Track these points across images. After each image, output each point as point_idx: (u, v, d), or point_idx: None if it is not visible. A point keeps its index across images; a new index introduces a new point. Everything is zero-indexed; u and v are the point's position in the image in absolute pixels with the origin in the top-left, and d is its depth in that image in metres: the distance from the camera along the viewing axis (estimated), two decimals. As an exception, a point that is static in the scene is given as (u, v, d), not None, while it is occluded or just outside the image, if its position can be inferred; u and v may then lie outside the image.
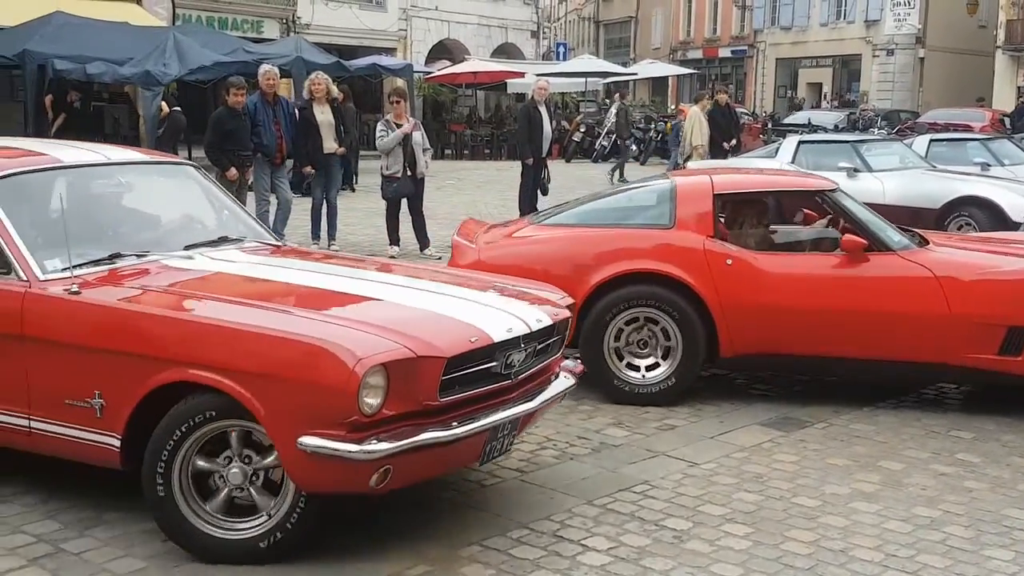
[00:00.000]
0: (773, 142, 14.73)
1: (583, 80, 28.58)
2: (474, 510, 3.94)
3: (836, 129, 22.05)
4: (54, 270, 3.77)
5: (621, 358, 5.45)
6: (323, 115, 9.98)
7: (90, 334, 3.59)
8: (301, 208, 10.26)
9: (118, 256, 3.99)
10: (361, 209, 12.89)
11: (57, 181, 4.32)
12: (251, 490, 3.48)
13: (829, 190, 5.80)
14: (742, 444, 4.84)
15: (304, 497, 3.40)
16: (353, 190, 15.19)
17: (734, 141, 15.47)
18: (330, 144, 9.98)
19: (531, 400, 3.84)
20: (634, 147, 24.15)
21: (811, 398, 5.57)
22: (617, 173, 18.77)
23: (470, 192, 16.52)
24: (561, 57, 37.04)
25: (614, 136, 24.01)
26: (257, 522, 3.47)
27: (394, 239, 9.83)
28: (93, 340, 3.57)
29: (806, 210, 6.44)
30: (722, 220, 5.75)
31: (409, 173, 9.58)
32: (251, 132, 9.23)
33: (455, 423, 3.46)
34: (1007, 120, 23.42)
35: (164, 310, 3.59)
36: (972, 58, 34.46)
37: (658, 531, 3.85)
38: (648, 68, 35.06)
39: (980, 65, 33.62)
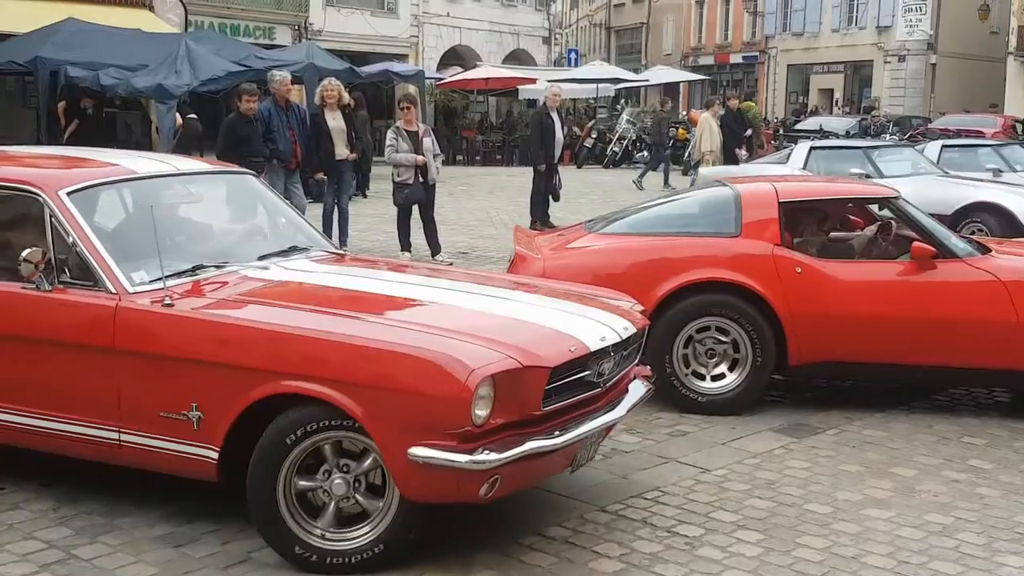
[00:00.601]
0: (785, 148, 14.69)
1: (594, 86, 28.59)
2: (485, 517, 3.94)
3: (848, 135, 22.01)
4: (142, 283, 3.75)
5: (687, 367, 5.43)
6: (334, 121, 10.01)
7: (188, 346, 3.56)
8: (312, 214, 10.28)
9: (200, 267, 3.99)
10: (371, 215, 12.92)
11: (133, 192, 4.33)
12: (357, 497, 3.48)
13: (893, 197, 5.81)
14: (754, 450, 4.83)
15: (405, 506, 3.41)
16: (364, 196, 15.22)
17: (745, 149, 15.49)
18: (341, 150, 10.01)
19: (618, 407, 3.87)
20: (645, 153, 24.16)
21: (823, 404, 5.56)
22: (662, 180, 18.68)
23: (482, 198, 16.54)
24: (572, 63, 37.09)
25: (625, 142, 24.04)
26: (365, 530, 3.47)
27: (405, 245, 9.85)
28: (191, 352, 3.54)
29: (852, 217, 6.42)
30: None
31: (421, 179, 9.60)
32: (266, 138, 9.28)
33: (557, 432, 3.48)
34: (1019, 126, 23.34)
35: (266, 322, 3.56)
36: (984, 64, 34.32)
37: (670, 538, 3.84)
38: (659, 74, 35.01)
39: (992, 71, 33.47)
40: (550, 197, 12.75)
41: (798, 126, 26.14)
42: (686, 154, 20.79)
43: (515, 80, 27.61)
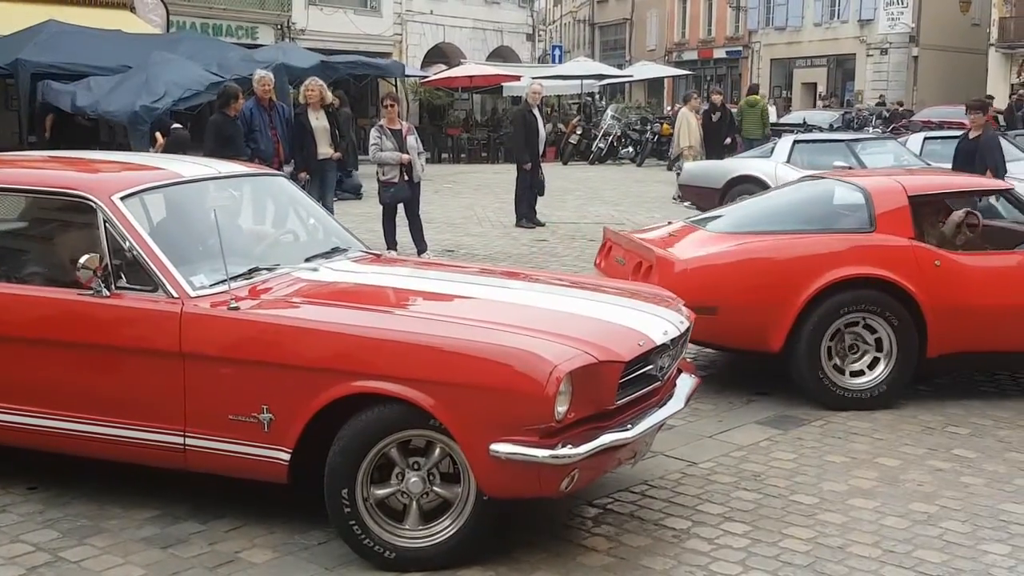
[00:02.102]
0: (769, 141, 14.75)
1: (579, 83, 28.62)
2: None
3: (831, 128, 22.10)
4: (202, 286, 3.73)
5: (831, 363, 5.46)
6: (317, 121, 9.97)
7: (258, 349, 3.54)
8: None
9: (256, 270, 3.97)
10: (357, 214, 12.90)
11: (179, 196, 4.32)
12: (435, 489, 3.50)
13: (1008, 189, 5.99)
14: (740, 443, 4.86)
15: (482, 502, 3.43)
16: (359, 197, 15.15)
17: (728, 140, 15.53)
18: (325, 149, 9.99)
19: (676, 399, 3.91)
20: (631, 149, 24.20)
21: (808, 396, 5.59)
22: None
23: (468, 196, 16.53)
24: (557, 60, 37.07)
25: (610, 138, 24.07)
26: (447, 523, 3.49)
27: (391, 244, 9.84)
28: (262, 355, 3.53)
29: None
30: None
31: (406, 178, 9.60)
32: (248, 138, 9.24)
33: (629, 425, 3.54)
34: (1000, 117, 23.46)
35: (339, 323, 3.57)
36: (966, 56, 34.53)
37: (658, 531, 3.86)
38: (643, 70, 35.09)
39: (973, 63, 33.69)
40: (536, 194, 12.75)
41: (781, 120, 26.21)
42: (670, 150, 20.82)
43: (499, 77, 27.59)
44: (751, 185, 11.53)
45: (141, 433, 3.72)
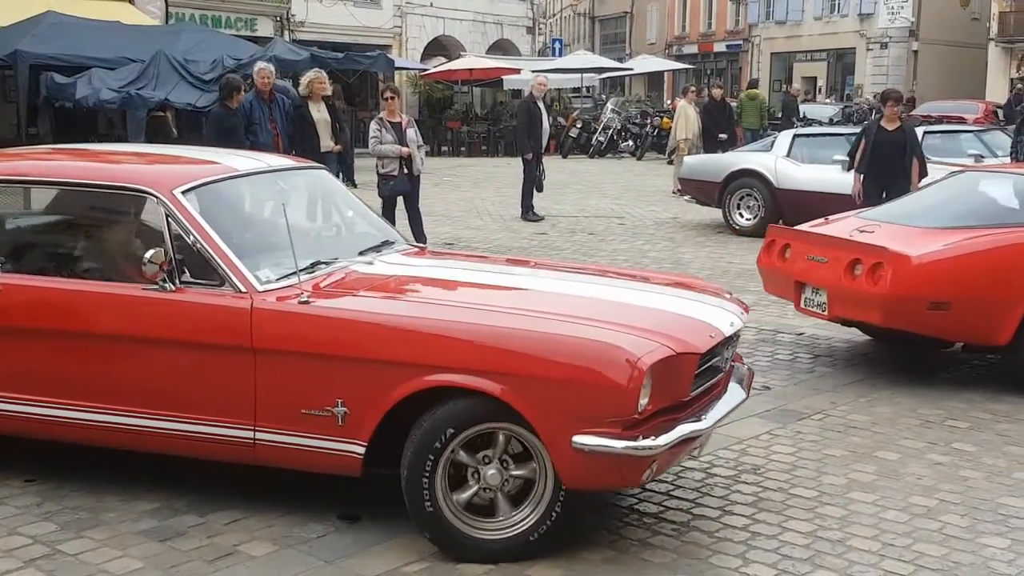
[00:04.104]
0: (769, 135, 14.74)
1: (579, 76, 28.57)
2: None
3: (831, 122, 22.07)
4: (268, 281, 3.71)
5: None
6: (319, 113, 9.92)
7: (333, 343, 3.53)
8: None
9: (318, 264, 3.93)
10: (357, 207, 12.88)
11: (237, 189, 4.30)
12: (514, 473, 3.50)
13: None
14: (739, 436, 4.85)
15: (560, 493, 3.44)
16: (355, 186, 15.16)
17: (723, 136, 15.51)
18: (326, 142, 9.95)
19: (738, 390, 3.95)
20: (631, 142, 24.18)
21: (808, 390, 5.59)
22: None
23: (467, 189, 16.52)
24: (557, 53, 37.02)
25: (610, 132, 24.05)
26: (527, 511, 3.50)
27: (391, 236, 9.81)
28: (337, 349, 3.52)
29: None
30: None
31: (406, 171, 9.57)
32: (247, 130, 9.21)
33: (702, 416, 3.57)
34: (999, 112, 23.45)
35: (415, 316, 3.58)
36: (965, 50, 34.50)
37: (658, 524, 3.86)
38: (643, 63, 35.03)
39: (973, 57, 33.66)
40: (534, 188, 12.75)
41: (780, 114, 26.19)
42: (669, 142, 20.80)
43: (499, 70, 27.54)
44: (751, 179, 11.54)
45: (209, 428, 3.69)
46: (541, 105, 12.51)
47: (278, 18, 26.24)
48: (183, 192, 3.84)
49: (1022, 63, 32.51)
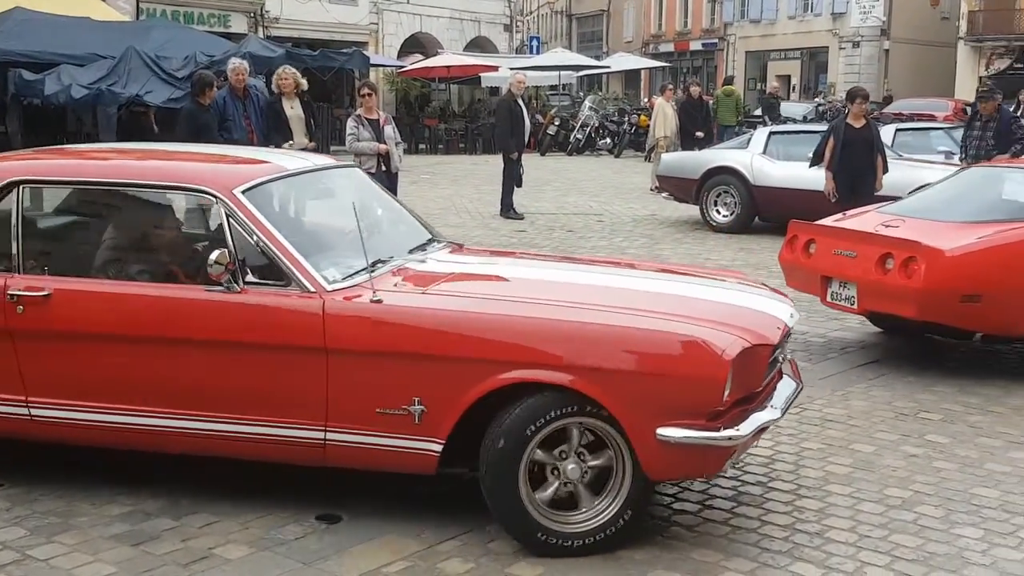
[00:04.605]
0: (744, 133, 14.83)
1: (556, 74, 28.59)
2: (451, 505, 3.94)
3: (805, 120, 22.23)
4: (335, 280, 3.66)
5: None
6: (292, 109, 9.84)
7: (410, 341, 3.50)
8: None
9: (378, 263, 3.87)
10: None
11: (289, 188, 4.24)
12: (591, 464, 3.54)
13: None
14: (717, 430, 4.87)
15: (639, 483, 3.50)
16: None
17: (700, 134, 15.59)
18: (300, 139, 9.89)
19: (793, 381, 4.02)
20: (608, 140, 24.24)
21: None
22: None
23: (445, 186, 16.49)
24: (534, 51, 37.03)
25: (588, 129, 24.10)
26: (605, 503, 3.53)
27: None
28: (414, 347, 3.49)
29: None
30: None
31: (383, 168, 9.54)
32: (221, 127, 9.15)
33: (772, 405, 3.65)
34: (969, 109, 23.69)
35: (493, 313, 3.57)
36: (935, 49, 34.84)
37: (639, 519, 3.86)
38: (620, 61, 35.10)
39: (943, 56, 33.99)
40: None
41: (755, 112, 26.36)
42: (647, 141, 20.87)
43: (477, 68, 27.50)
44: (728, 176, 11.59)
45: (277, 430, 3.63)
46: (521, 103, 12.52)
47: (252, 14, 26.06)
48: (243, 191, 3.76)
49: (991, 61, 32.88)
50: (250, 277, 3.66)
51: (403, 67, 27.67)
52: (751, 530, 3.78)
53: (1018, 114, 15.03)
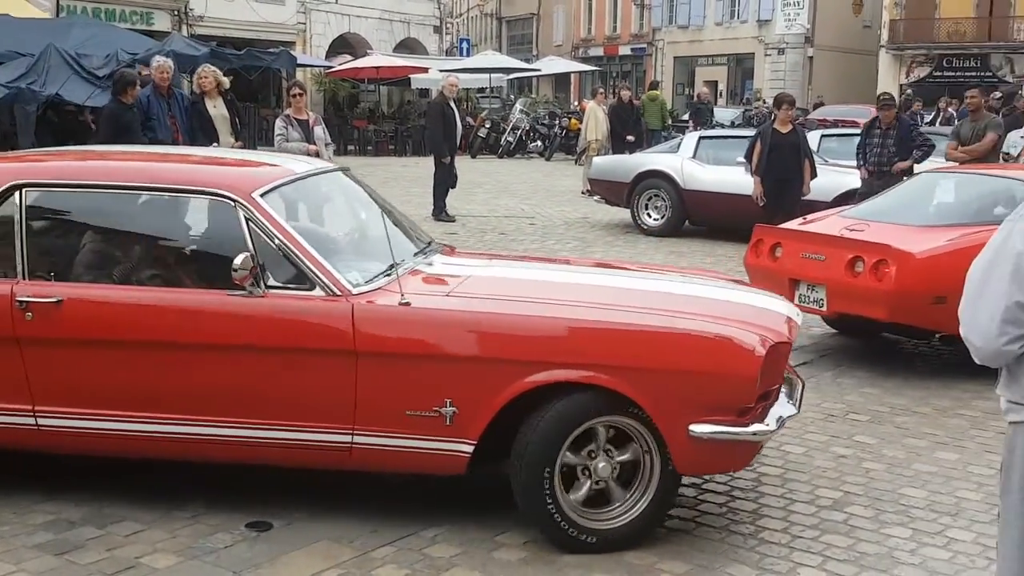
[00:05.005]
0: (674, 137, 15.00)
1: (487, 76, 28.59)
2: (385, 510, 3.89)
3: (733, 125, 22.59)
4: (358, 283, 3.63)
5: None
6: (216, 109, 9.63)
7: (441, 343, 3.51)
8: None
9: (394, 265, 3.81)
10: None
11: (299, 192, 4.15)
12: (619, 459, 3.60)
13: None
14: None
15: (666, 478, 3.58)
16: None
17: (631, 138, 15.73)
18: (226, 139, 9.69)
19: (800, 379, 4.13)
20: (539, 143, 24.31)
21: None
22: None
23: (375, 188, 16.30)
24: (464, 53, 36.97)
25: (519, 132, 24.14)
26: (637, 498, 3.60)
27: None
28: (446, 349, 3.50)
29: None
30: None
31: (312, 169, 9.39)
32: (145, 126, 8.91)
33: (790, 401, 3.81)
34: (908, 119, 24.36)
35: (524, 315, 3.59)
36: (858, 57, 35.76)
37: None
38: (551, 64, 35.29)
39: (866, 63, 34.91)
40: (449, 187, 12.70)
41: (684, 117, 26.72)
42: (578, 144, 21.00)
43: (407, 69, 27.37)
44: (659, 180, 11.71)
45: (302, 435, 3.59)
46: (454, 105, 12.47)
47: (176, 12, 25.53)
48: (261, 195, 3.72)
49: (911, 69, 33.89)
50: (271, 281, 3.62)
51: (331, 67, 27.38)
52: (686, 532, 3.80)
53: (938, 122, 15.48)
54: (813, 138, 12.76)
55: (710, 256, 10.16)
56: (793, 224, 6.85)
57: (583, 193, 14.96)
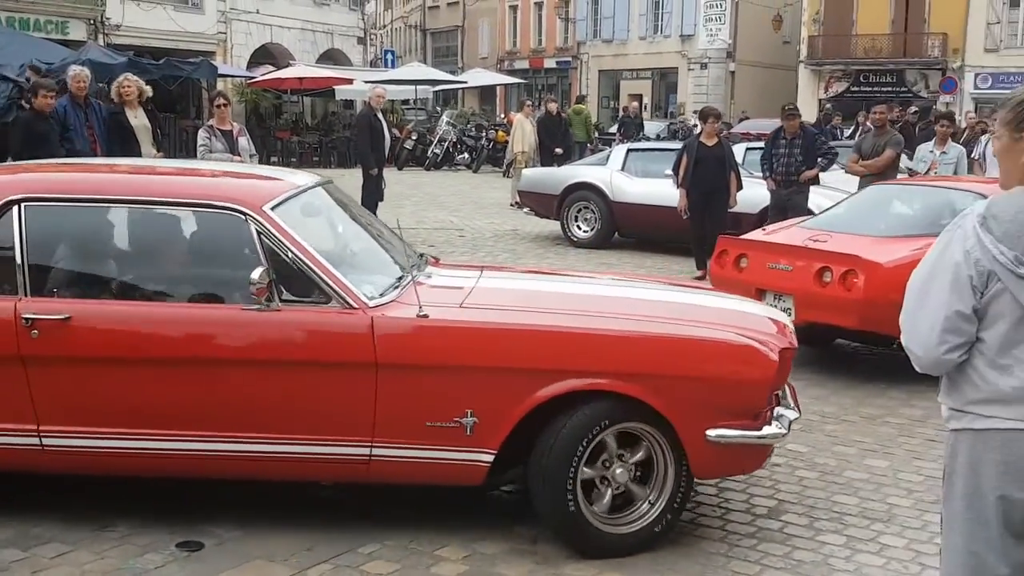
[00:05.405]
0: (601, 150, 15.13)
1: (413, 88, 28.49)
2: (319, 526, 3.80)
3: (658, 138, 22.93)
4: (372, 296, 3.62)
5: None
6: (137, 119, 9.38)
7: (462, 354, 3.53)
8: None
9: (402, 277, 3.86)
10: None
11: (305, 204, 4.06)
12: (632, 461, 3.67)
13: None
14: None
15: (681, 482, 3.66)
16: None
17: (559, 150, 15.82)
18: (148, 149, 9.43)
19: (789, 384, 4.17)
20: (466, 155, 24.29)
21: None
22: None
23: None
24: (389, 64, 36.79)
25: (446, 144, 24.09)
26: (654, 498, 3.69)
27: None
28: (467, 360, 3.52)
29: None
30: None
31: (237, 180, 9.21)
32: (63, 137, 8.61)
33: (792, 404, 3.89)
34: (814, 129, 25.00)
35: (543, 325, 3.65)
36: (778, 72, 36.61)
37: (481, 537, 3.81)
38: (477, 77, 35.32)
39: (785, 78, 35.76)
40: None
41: (611, 130, 27.02)
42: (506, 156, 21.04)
43: (331, 80, 27.05)
44: (588, 192, 11.77)
45: (320, 448, 3.57)
46: (381, 117, 12.37)
47: (92, 21, 24.85)
48: (272, 208, 3.69)
49: (830, 84, 34.83)
50: (284, 295, 3.59)
51: (253, 78, 26.94)
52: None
53: (858, 135, 15.89)
54: (738, 151, 13.01)
55: (640, 268, 10.25)
56: (758, 235, 7.02)
57: (512, 205, 14.98)
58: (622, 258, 10.96)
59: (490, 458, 3.55)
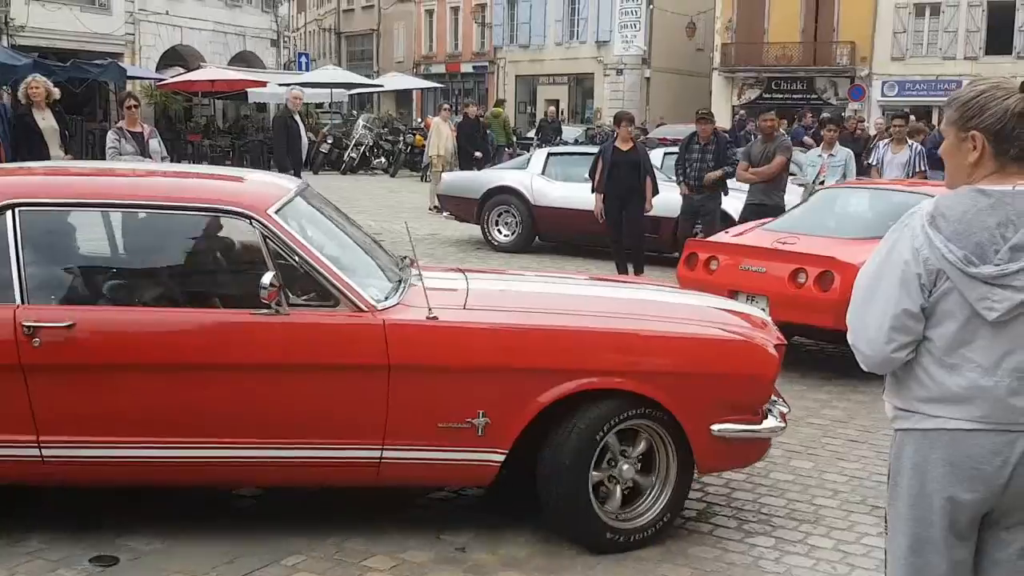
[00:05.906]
0: (521, 154, 15.13)
1: (328, 91, 28.11)
2: (239, 537, 3.67)
3: (576, 142, 23.07)
4: (379, 299, 3.60)
5: None
6: (44, 121, 9.03)
7: (473, 356, 3.54)
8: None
9: (402, 281, 3.86)
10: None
11: (302, 208, 3.97)
12: (635, 454, 3.74)
13: None
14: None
15: (684, 476, 3.76)
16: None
17: (478, 154, 15.80)
18: (56, 152, 9.07)
19: None
20: (383, 159, 24.05)
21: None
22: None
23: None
24: (303, 67, 36.24)
25: (363, 148, 23.81)
26: (652, 501, 3.76)
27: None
28: (478, 361, 3.53)
29: None
30: None
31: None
32: (-37, 139, 8.22)
33: (781, 401, 3.99)
34: (726, 135, 25.50)
35: (557, 325, 3.70)
36: (692, 79, 37.27)
37: (404, 552, 3.73)
38: (393, 80, 35.06)
39: (699, 85, 36.42)
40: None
41: (528, 134, 27.10)
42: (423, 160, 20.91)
43: (244, 83, 26.52)
44: (508, 196, 11.74)
45: (331, 452, 3.54)
46: (298, 119, 12.14)
47: (-7, 21, 23.87)
48: (276, 212, 3.63)
49: (742, 91, 35.58)
50: (296, 298, 3.58)
51: (163, 80, 26.24)
52: (554, 545, 3.73)
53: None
54: (656, 156, 13.14)
55: (562, 271, 10.24)
56: (726, 238, 7.12)
57: (431, 209, 14.87)
58: (543, 262, 10.95)
59: (501, 458, 3.58)
